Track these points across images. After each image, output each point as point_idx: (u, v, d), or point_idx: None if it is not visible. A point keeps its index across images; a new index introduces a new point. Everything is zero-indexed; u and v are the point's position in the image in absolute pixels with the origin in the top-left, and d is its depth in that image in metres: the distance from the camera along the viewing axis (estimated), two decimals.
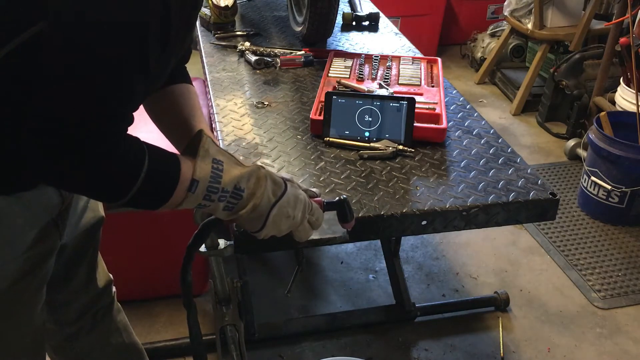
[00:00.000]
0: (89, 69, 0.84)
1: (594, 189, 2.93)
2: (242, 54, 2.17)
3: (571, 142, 3.47)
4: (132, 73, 0.91)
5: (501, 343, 2.28)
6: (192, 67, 1.29)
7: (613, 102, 3.26)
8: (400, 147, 1.59)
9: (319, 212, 1.14)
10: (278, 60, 2.10)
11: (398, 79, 1.93)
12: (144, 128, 1.23)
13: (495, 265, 2.70)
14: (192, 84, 1.28)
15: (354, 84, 1.87)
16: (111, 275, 1.56)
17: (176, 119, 1.21)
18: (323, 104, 1.69)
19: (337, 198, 1.19)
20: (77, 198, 1.29)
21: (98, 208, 1.42)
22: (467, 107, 1.88)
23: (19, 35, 0.82)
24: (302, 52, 2.15)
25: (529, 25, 3.88)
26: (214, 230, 1.14)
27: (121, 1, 0.84)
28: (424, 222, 1.40)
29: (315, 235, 1.18)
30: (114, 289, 1.56)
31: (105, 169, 0.89)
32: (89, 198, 1.33)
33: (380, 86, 1.86)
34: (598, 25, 3.78)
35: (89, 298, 1.47)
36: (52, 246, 1.20)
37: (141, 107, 1.20)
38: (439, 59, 2.05)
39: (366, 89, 1.83)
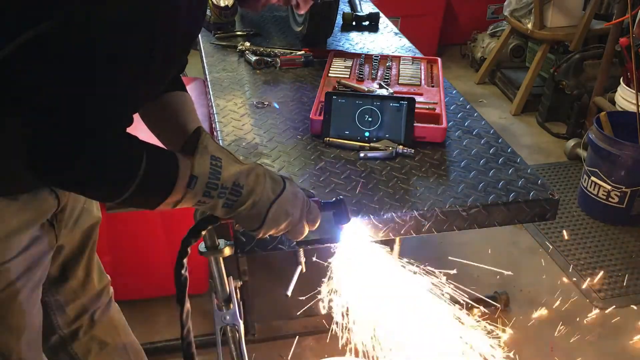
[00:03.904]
0: (93, 69, 0.85)
1: (594, 189, 2.93)
2: (242, 54, 2.17)
3: (571, 142, 3.47)
4: (135, 74, 0.91)
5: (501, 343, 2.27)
6: (192, 67, 1.29)
7: (613, 102, 3.25)
8: (400, 147, 1.59)
9: (317, 211, 1.13)
10: (278, 60, 2.10)
11: (398, 79, 1.93)
12: (144, 127, 1.23)
13: (495, 265, 2.69)
14: (187, 92, 1.28)
15: (354, 84, 1.87)
16: (108, 276, 1.56)
17: (173, 126, 1.21)
18: (323, 104, 1.68)
19: (334, 198, 1.19)
20: (73, 200, 1.29)
21: (94, 209, 1.41)
22: (467, 107, 1.88)
23: (23, 33, 0.82)
24: (302, 52, 2.15)
25: (529, 25, 3.88)
26: (209, 225, 1.14)
27: (131, 7, 0.85)
28: (424, 222, 1.40)
29: (313, 236, 1.18)
30: (111, 289, 1.56)
31: (104, 167, 0.89)
32: (87, 197, 1.33)
33: (380, 86, 1.86)
34: (598, 25, 3.78)
35: (87, 299, 1.47)
36: (47, 247, 1.20)
37: None
38: (439, 59, 2.05)
39: (366, 89, 1.83)
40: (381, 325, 1.34)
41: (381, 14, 2.58)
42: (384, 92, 1.79)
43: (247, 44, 2.20)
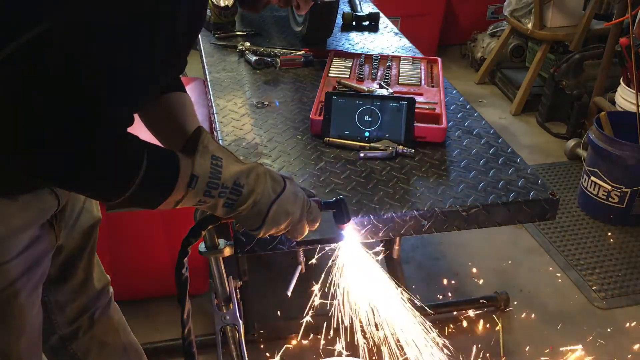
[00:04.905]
0: (93, 70, 0.85)
1: (594, 189, 2.93)
2: (242, 54, 2.17)
3: (571, 142, 3.47)
4: (135, 75, 0.91)
5: (501, 343, 2.28)
6: (192, 67, 1.30)
7: (613, 102, 3.26)
8: (400, 147, 1.59)
9: (317, 210, 1.14)
10: (278, 60, 2.10)
11: (398, 79, 1.93)
12: (144, 127, 1.24)
13: (495, 265, 2.70)
14: (186, 92, 1.29)
15: (354, 84, 1.87)
16: (108, 276, 1.56)
17: (172, 127, 1.22)
18: (323, 104, 1.69)
19: (334, 198, 1.19)
20: (73, 200, 1.29)
21: (94, 209, 1.42)
22: (467, 107, 1.88)
23: (22, 35, 0.82)
24: (302, 52, 2.15)
25: (529, 25, 3.88)
26: (210, 225, 1.14)
27: (132, 7, 0.85)
28: (424, 222, 1.40)
29: (313, 236, 1.18)
30: (111, 289, 1.56)
31: (105, 167, 0.89)
32: (89, 197, 1.34)
33: (380, 86, 1.86)
34: (598, 25, 3.78)
35: (87, 298, 1.47)
36: (47, 247, 1.20)
37: None
38: (439, 59, 2.05)
39: (366, 89, 1.83)
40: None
41: (381, 14, 2.57)
42: (384, 92, 1.79)
43: (247, 44, 2.20)
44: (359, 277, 1.30)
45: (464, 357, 2.21)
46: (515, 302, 2.47)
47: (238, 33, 2.35)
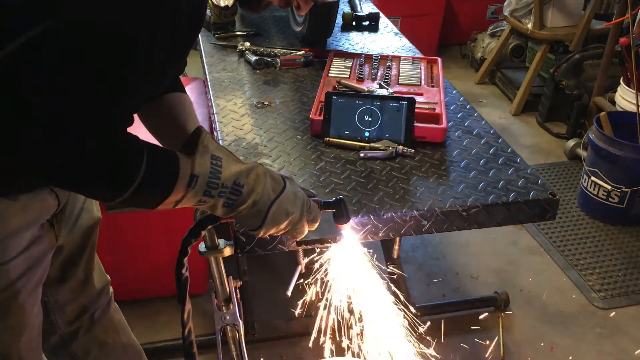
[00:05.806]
0: (93, 69, 0.85)
1: (594, 189, 2.93)
2: (242, 54, 2.17)
3: (571, 142, 3.47)
4: (135, 75, 0.91)
5: (501, 343, 2.28)
6: (192, 67, 1.30)
7: (613, 102, 3.26)
8: (400, 147, 1.59)
9: (317, 210, 1.14)
10: (278, 60, 2.10)
11: (398, 79, 1.93)
12: (144, 128, 1.24)
13: (495, 265, 2.70)
14: (186, 93, 1.29)
15: (354, 84, 1.87)
16: (108, 276, 1.56)
17: (172, 127, 1.22)
18: (323, 104, 1.69)
19: (334, 198, 1.19)
20: (73, 200, 1.29)
21: (94, 209, 1.42)
22: (467, 107, 1.88)
23: (23, 33, 0.82)
24: (302, 52, 2.15)
25: (529, 25, 3.88)
26: (210, 225, 1.14)
27: (131, 7, 0.85)
28: (424, 222, 1.40)
29: (313, 236, 1.18)
30: (111, 289, 1.56)
31: (105, 167, 0.89)
32: (88, 197, 1.34)
33: (380, 86, 1.86)
34: (598, 25, 3.78)
35: (86, 299, 1.47)
36: (47, 247, 1.20)
37: None
38: (439, 59, 2.05)
39: (366, 89, 1.83)
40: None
41: (381, 14, 2.57)
42: (384, 92, 1.79)
43: (247, 44, 2.20)
44: (355, 277, 1.31)
45: (464, 357, 2.21)
46: (515, 302, 2.47)
47: (238, 33, 2.35)
